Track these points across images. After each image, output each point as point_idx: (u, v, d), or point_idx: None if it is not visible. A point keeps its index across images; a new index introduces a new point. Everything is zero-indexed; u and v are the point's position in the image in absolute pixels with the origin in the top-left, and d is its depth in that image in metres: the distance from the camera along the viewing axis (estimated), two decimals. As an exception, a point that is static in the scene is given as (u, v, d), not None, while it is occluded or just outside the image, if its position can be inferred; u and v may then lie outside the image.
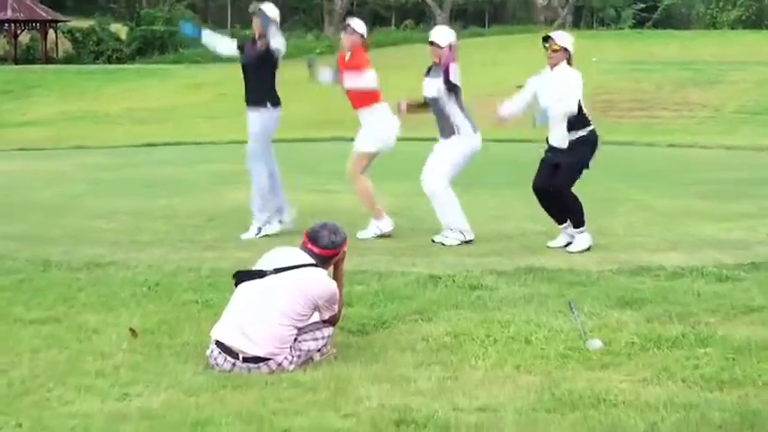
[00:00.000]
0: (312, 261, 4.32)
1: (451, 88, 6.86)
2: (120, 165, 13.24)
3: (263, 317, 4.18)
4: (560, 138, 6.56)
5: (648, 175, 11.52)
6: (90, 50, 38.73)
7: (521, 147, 12.43)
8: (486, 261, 6.31)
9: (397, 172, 8.38)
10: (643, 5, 47.16)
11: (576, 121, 6.53)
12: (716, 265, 6.03)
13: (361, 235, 7.15)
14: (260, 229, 7.24)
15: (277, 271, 4.25)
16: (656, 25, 43.27)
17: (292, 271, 4.25)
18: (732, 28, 39.19)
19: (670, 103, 21.56)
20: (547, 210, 6.82)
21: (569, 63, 6.58)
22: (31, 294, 5.39)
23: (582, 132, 6.57)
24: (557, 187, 6.61)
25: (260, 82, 7.20)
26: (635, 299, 5.22)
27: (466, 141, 6.93)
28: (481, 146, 7.06)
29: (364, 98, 7.18)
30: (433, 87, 6.93)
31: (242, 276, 4.39)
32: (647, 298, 5.24)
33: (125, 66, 34.05)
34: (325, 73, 7.45)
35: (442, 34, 6.96)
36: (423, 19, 50.10)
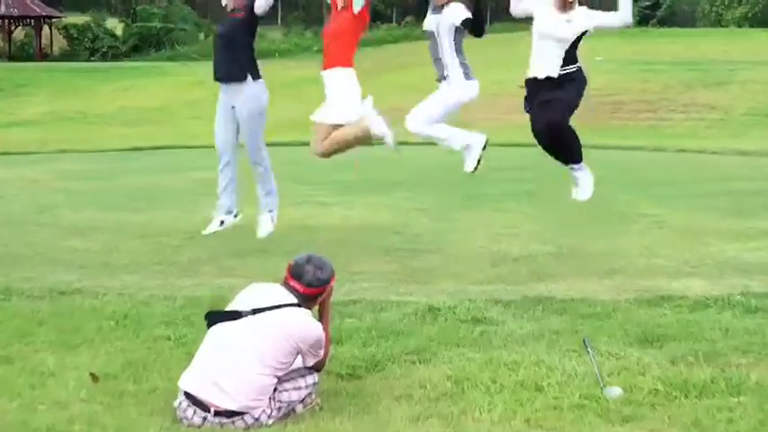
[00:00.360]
0: (294, 300, 3.86)
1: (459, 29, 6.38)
2: (103, 172, 12.73)
3: (237, 365, 3.73)
4: (553, 66, 6.13)
5: (660, 185, 10.97)
6: (85, 47, 38.54)
7: (525, 152, 11.90)
8: (490, 289, 5.80)
9: (392, 181, 7.81)
10: (647, 3, 46.81)
11: (571, 56, 6.17)
12: (743, 293, 5.52)
13: (388, 140, 6.57)
14: (272, 217, 6.85)
15: (255, 312, 3.80)
16: (659, 23, 42.91)
17: (272, 312, 3.80)
18: (738, 26, 38.85)
19: (678, 104, 21.17)
20: (550, 150, 6.37)
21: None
22: (-17, 329, 4.89)
23: (573, 68, 6.19)
24: (557, 122, 6.16)
25: (243, 51, 6.63)
26: (656, 335, 4.75)
27: (457, 89, 6.47)
28: (477, 94, 6.59)
29: (341, 55, 6.56)
30: (432, 22, 6.49)
31: (215, 317, 3.93)
32: (669, 334, 4.76)
33: (119, 63, 33.75)
34: None
35: None
36: (424, 16, 49.75)
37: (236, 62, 6.63)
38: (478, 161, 6.48)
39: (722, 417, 3.67)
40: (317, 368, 3.94)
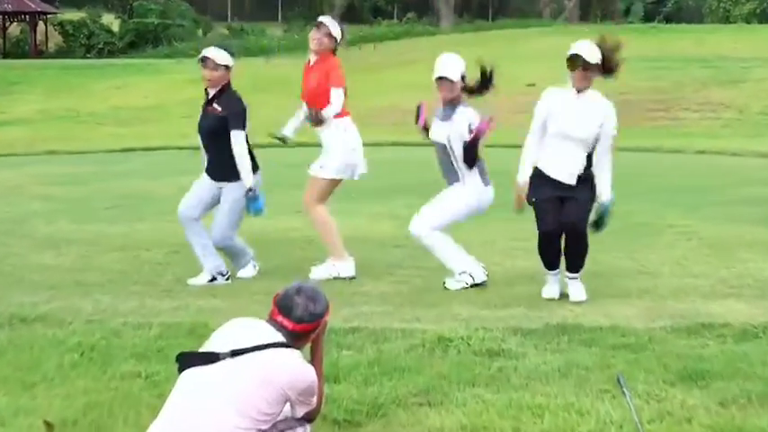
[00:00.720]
0: (282, 339, 3.28)
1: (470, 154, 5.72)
2: (87, 176, 12.26)
3: (214, 417, 3.16)
4: (569, 172, 5.38)
5: (684, 191, 10.40)
6: (81, 44, 38.24)
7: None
8: (507, 314, 5.21)
9: (394, 185, 7.18)
10: (653, -1, 46.48)
11: (591, 155, 5.44)
12: (793, 320, 4.97)
13: (314, 273, 6.05)
14: (214, 278, 6.05)
15: (234, 354, 3.23)
16: (666, 19, 42.51)
17: (255, 353, 3.23)
18: (747, 22, 38.37)
19: (692, 103, 20.77)
20: (556, 255, 5.54)
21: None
22: (-72, 364, 4.32)
23: (591, 170, 5.47)
24: (578, 225, 5.38)
25: (228, 149, 5.85)
26: (699, 371, 4.21)
27: (472, 194, 5.79)
28: (492, 200, 5.92)
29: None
30: (442, 133, 5.76)
31: (188, 360, 3.35)
32: (714, 370, 4.23)
33: (114, 60, 33.34)
34: (289, 130, 6.40)
35: (452, 65, 5.73)
36: (425, 12, 49.48)
37: (228, 160, 5.87)
38: (462, 287, 5.80)
39: None
40: (308, 419, 3.39)
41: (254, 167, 5.96)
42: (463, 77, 5.75)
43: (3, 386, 4.05)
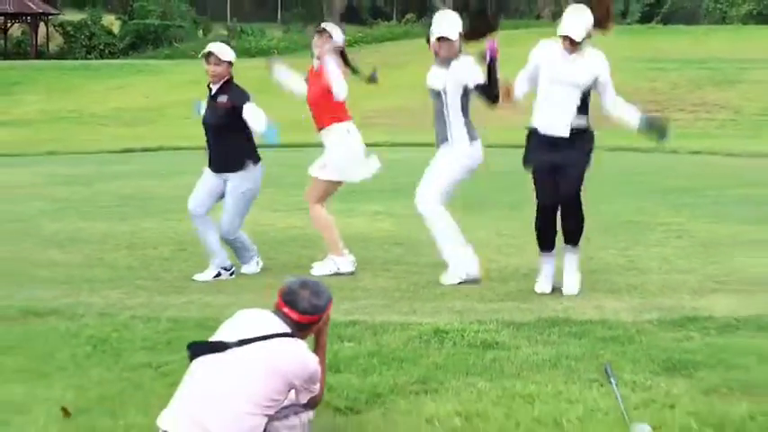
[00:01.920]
0: (287, 329, 3.45)
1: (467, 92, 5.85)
2: (91, 176, 12.36)
3: (223, 403, 3.33)
4: (566, 123, 5.51)
5: (677, 190, 10.55)
6: (82, 45, 38.28)
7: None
8: (501, 308, 5.39)
9: (394, 185, 7.37)
10: (650, 0, 46.53)
11: (585, 104, 5.55)
12: (776, 314, 5.14)
13: (315, 269, 6.23)
14: (219, 274, 6.26)
15: (242, 343, 3.40)
16: (663, 20, 42.63)
17: (262, 343, 3.39)
18: (743, 23, 38.51)
19: (687, 103, 20.89)
20: (551, 230, 5.72)
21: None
22: (-54, 356, 4.49)
23: (583, 121, 5.56)
24: (572, 197, 5.57)
25: (237, 141, 6.09)
26: (684, 362, 4.37)
27: (460, 153, 5.91)
28: (482, 157, 6.05)
29: (331, 114, 6.21)
30: (439, 80, 5.89)
31: (198, 349, 3.50)
32: (698, 361, 4.39)
33: (114, 61, 33.43)
34: (281, 71, 6.52)
35: (451, 25, 5.82)
36: (424, 13, 49.49)
37: (232, 153, 6.11)
38: (456, 282, 5.96)
39: None
40: (311, 405, 3.55)
41: (256, 159, 6.19)
42: (461, 35, 5.85)
43: (20, 376, 4.21)
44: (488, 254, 6.65)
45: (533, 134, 5.66)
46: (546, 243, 5.77)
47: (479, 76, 5.76)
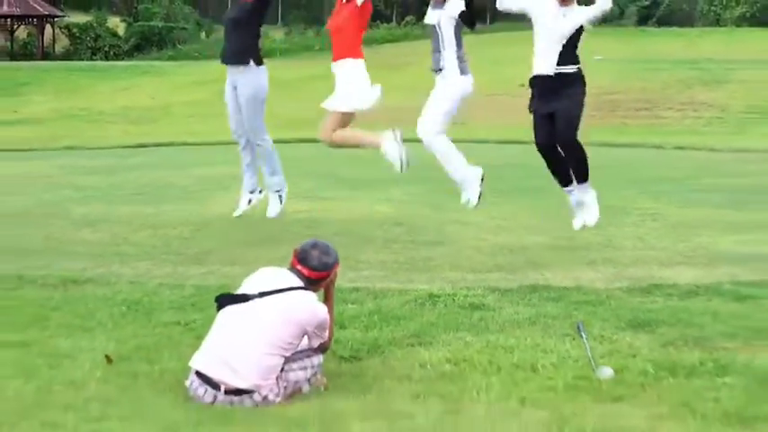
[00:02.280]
0: (300, 283, 4.00)
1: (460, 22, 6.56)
2: (109, 168, 12.85)
3: (246, 345, 3.86)
4: (551, 63, 6.24)
5: (658, 181, 11.11)
6: (87, 46, 38.59)
7: (522, 149, 12.07)
8: (488, 277, 5.96)
9: (393, 177, 7.97)
10: (646, 2, 46.87)
11: (571, 52, 6.24)
12: (733, 283, 5.70)
13: (385, 150, 6.77)
14: (280, 197, 7.14)
15: (262, 295, 3.93)
16: (658, 22, 42.98)
17: (279, 294, 3.93)
18: (737, 25, 38.92)
19: (676, 102, 21.24)
20: (554, 167, 6.48)
21: None
22: (0, 315, 5.04)
23: (574, 68, 6.27)
24: (567, 140, 6.27)
25: (248, 37, 6.94)
26: (647, 320, 4.91)
27: (451, 83, 6.59)
28: (472, 89, 6.72)
29: (348, 47, 6.80)
30: (434, 16, 6.62)
31: (224, 300, 4.06)
32: (660, 319, 4.92)
33: (119, 63, 33.82)
34: None
35: None
36: (424, 15, 49.73)
37: (240, 46, 6.95)
38: (480, 195, 6.67)
39: (709, 396, 3.79)
40: (322, 349, 4.07)
41: (258, 61, 7.01)
42: None
43: (65, 331, 4.73)
44: (480, 233, 7.22)
45: (531, 83, 6.40)
46: (558, 179, 6.52)
47: (461, 6, 6.50)
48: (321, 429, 3.46)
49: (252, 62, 6.99)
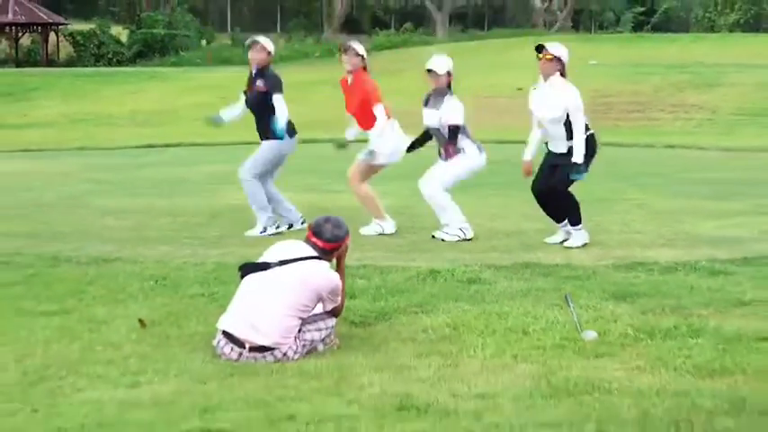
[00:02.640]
0: (315, 254, 4.42)
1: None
2: (122, 165, 13.32)
3: (268, 308, 4.28)
4: (560, 144, 6.68)
5: (646, 175, 11.61)
6: (91, 53, 38.89)
7: (517, 148, 12.47)
8: (484, 257, 6.44)
9: (399, 173, 8.53)
10: (642, 9, 47.35)
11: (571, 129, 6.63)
12: (709, 261, 6.16)
13: (363, 231, 7.28)
14: (265, 228, 7.38)
15: (282, 263, 4.35)
16: (654, 29, 43.42)
17: (296, 263, 4.35)
18: (730, 31, 39.36)
19: (667, 105, 21.60)
20: (545, 210, 6.93)
21: (563, 74, 6.60)
22: (41, 288, 5.51)
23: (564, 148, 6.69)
24: (553, 187, 6.73)
25: (264, 117, 7.33)
26: (629, 292, 5.33)
27: (471, 158, 7.08)
28: (485, 164, 7.21)
29: (373, 117, 7.25)
30: (434, 117, 7.05)
31: (247, 268, 4.48)
32: (641, 291, 5.36)
33: (123, 69, 34.15)
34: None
35: (440, 62, 7.01)
36: (422, 22, 50.24)
37: (264, 126, 7.35)
38: (443, 240, 7.03)
39: (682, 354, 4.20)
40: (335, 313, 4.49)
41: (292, 132, 7.34)
42: (449, 73, 7.03)
43: (100, 300, 5.21)
44: (478, 220, 7.64)
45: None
46: (554, 219, 6.96)
47: (457, 119, 6.96)
48: (334, 380, 3.87)
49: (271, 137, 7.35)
